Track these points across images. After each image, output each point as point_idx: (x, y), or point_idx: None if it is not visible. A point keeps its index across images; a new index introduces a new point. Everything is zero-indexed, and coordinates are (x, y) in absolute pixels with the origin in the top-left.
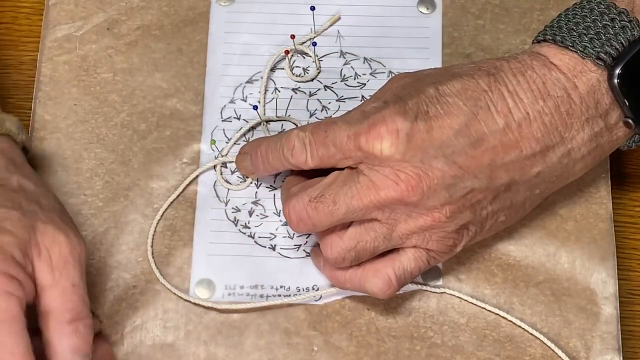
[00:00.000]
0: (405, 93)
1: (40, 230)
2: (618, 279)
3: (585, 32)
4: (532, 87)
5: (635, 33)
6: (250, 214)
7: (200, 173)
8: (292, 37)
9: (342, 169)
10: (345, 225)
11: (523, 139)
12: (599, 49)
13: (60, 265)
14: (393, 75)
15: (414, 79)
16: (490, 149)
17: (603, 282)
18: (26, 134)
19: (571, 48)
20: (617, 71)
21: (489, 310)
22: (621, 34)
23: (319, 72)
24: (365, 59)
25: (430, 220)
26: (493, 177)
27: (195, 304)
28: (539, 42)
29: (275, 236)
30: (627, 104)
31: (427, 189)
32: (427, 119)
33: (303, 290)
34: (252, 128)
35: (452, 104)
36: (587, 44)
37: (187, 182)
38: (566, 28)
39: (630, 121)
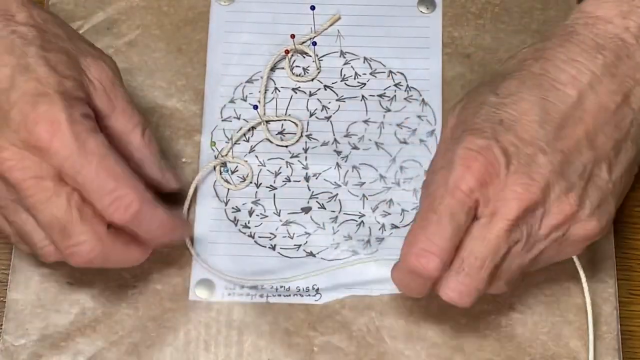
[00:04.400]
0: (467, 115)
1: (84, 64)
2: (618, 279)
3: None
4: (583, 47)
5: None
6: (250, 214)
7: (202, 178)
8: (292, 37)
9: None
10: None
11: (601, 96)
12: None
13: (113, 89)
14: (393, 74)
15: (468, 98)
16: (577, 121)
17: (603, 282)
18: None
19: None
20: None
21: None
22: None
23: (319, 72)
24: (365, 59)
25: (562, 215)
26: (595, 146)
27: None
28: (579, 1)
29: (275, 236)
30: None
31: (545, 186)
32: (506, 127)
33: (303, 290)
34: (252, 128)
35: (518, 100)
36: None
37: (193, 187)
38: None
39: None
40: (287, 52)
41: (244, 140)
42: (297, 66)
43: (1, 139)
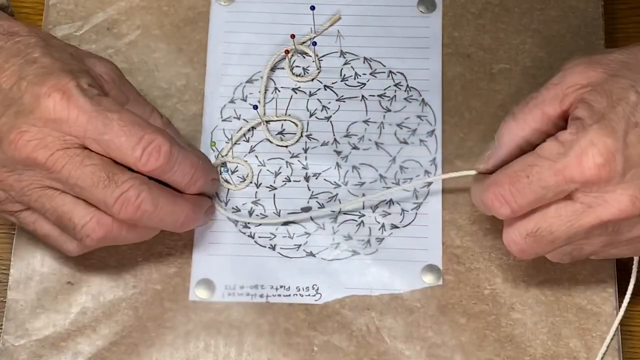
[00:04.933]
0: (603, 103)
1: (89, 63)
2: (618, 279)
3: None
4: None
5: None
6: (250, 214)
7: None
8: (292, 37)
9: None
10: None
11: None
12: None
13: (122, 81)
14: (393, 74)
15: (604, 75)
16: None
17: (603, 282)
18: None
19: None
20: None
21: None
22: None
23: (319, 72)
24: (365, 59)
25: None
26: None
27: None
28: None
29: (275, 236)
30: None
31: None
32: (638, 134)
33: (303, 290)
34: (252, 128)
35: None
36: None
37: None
38: None
39: None
40: (287, 52)
41: (244, 140)
42: (297, 66)
43: (21, 123)
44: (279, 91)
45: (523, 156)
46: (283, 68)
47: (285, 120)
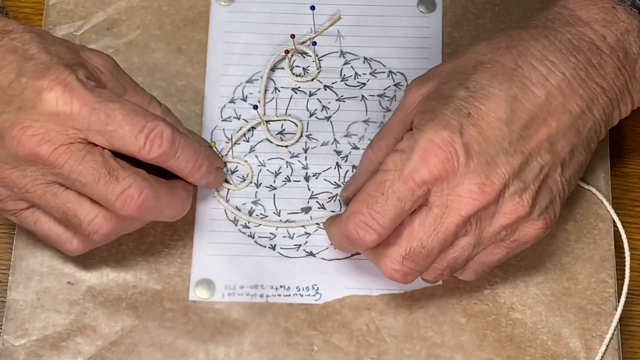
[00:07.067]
0: (434, 105)
1: (84, 56)
2: (618, 279)
3: None
4: (559, 46)
5: None
6: (250, 214)
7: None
8: (292, 36)
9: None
10: None
11: (568, 99)
12: None
13: (119, 73)
14: (393, 74)
15: (435, 85)
16: (542, 123)
17: (603, 282)
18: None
19: None
20: None
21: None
22: None
23: (319, 72)
24: (365, 58)
25: (515, 215)
26: (555, 150)
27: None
28: None
29: (275, 236)
30: None
31: (502, 187)
32: (473, 122)
33: (303, 290)
34: (252, 128)
35: (488, 95)
36: None
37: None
38: None
39: None
40: (287, 52)
41: (244, 140)
42: (297, 66)
43: (23, 119)
44: (279, 91)
45: (371, 178)
46: (283, 68)
47: (285, 120)
